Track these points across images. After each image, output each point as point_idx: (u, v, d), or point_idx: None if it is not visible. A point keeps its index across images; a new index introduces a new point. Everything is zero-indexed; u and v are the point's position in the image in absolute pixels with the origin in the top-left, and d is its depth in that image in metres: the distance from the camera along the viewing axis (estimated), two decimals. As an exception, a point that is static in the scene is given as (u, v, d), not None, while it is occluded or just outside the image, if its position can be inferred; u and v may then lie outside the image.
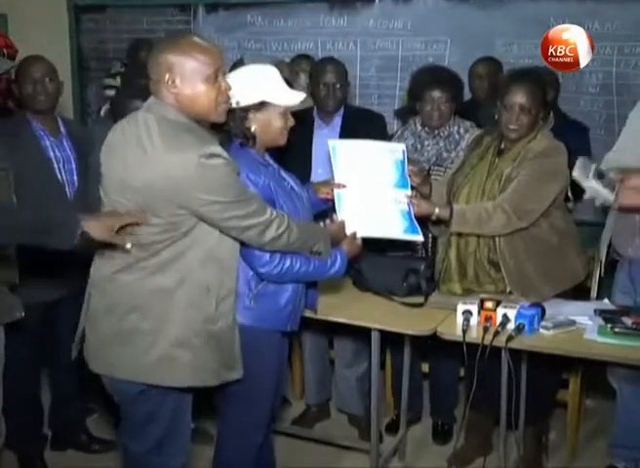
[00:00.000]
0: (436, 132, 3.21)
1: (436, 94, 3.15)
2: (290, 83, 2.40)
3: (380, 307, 2.84)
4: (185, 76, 2.06)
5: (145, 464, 2.27)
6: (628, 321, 2.50)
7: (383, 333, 2.79)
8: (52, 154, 2.92)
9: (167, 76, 2.06)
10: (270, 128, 2.35)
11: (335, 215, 2.58)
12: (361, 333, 2.90)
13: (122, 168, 2.09)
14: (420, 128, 3.26)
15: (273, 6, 4.82)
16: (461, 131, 3.20)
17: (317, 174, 3.16)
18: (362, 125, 3.22)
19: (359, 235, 2.57)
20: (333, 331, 3.36)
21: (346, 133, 3.19)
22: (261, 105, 2.32)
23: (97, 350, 2.20)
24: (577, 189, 2.99)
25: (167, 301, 2.09)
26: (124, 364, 2.13)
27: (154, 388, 2.14)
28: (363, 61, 4.64)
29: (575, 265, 2.88)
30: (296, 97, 2.36)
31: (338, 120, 3.30)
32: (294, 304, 2.41)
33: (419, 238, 2.70)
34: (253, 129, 2.33)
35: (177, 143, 2.01)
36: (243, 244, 2.23)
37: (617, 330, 2.46)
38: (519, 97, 2.72)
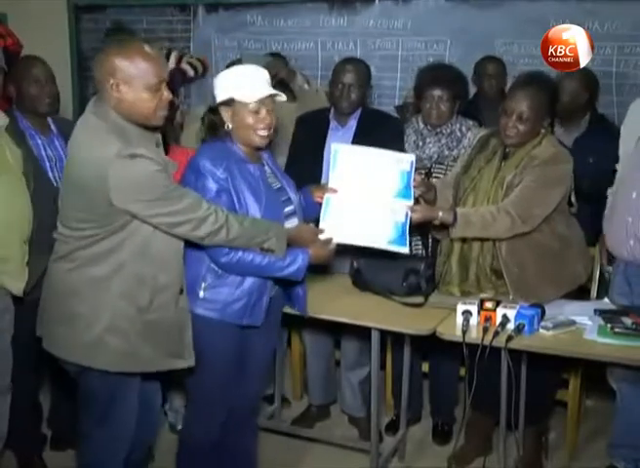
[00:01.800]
0: (438, 129, 3.21)
1: (436, 92, 3.15)
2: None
3: (379, 307, 2.84)
4: (129, 82, 2.15)
5: (89, 444, 2.41)
6: (628, 321, 2.50)
7: (384, 334, 2.79)
8: (43, 153, 2.92)
9: (111, 80, 2.15)
10: (241, 125, 2.40)
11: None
12: (365, 336, 2.90)
13: (66, 165, 2.29)
14: (422, 125, 3.26)
15: (273, 6, 4.82)
16: (464, 129, 3.19)
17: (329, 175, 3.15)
18: (377, 128, 3.18)
19: (338, 240, 2.57)
20: (338, 332, 3.36)
21: (361, 136, 3.15)
22: (231, 102, 2.39)
23: (46, 329, 2.35)
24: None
25: (102, 290, 2.21)
26: (64, 344, 2.28)
27: (92, 370, 2.25)
28: (363, 61, 4.64)
29: (577, 268, 2.88)
30: (258, 94, 2.38)
31: (353, 122, 3.24)
32: (249, 298, 2.43)
33: (404, 250, 2.63)
34: (227, 125, 2.42)
35: (99, 143, 2.13)
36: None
37: (616, 330, 2.46)
38: (518, 105, 2.72)
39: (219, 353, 2.46)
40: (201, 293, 2.40)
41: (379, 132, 3.13)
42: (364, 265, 2.94)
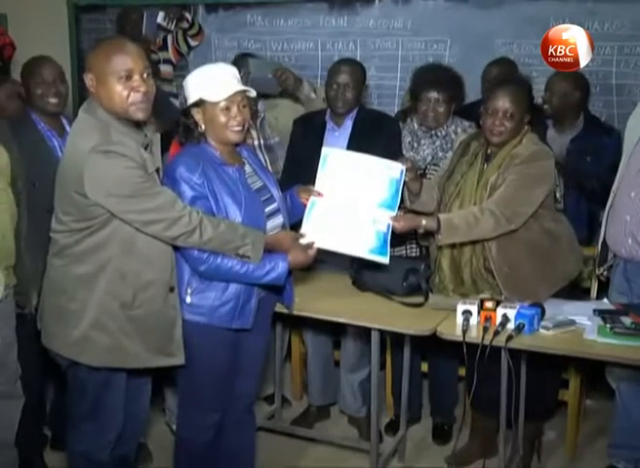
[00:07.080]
0: (433, 131, 3.21)
1: (433, 95, 3.15)
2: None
3: (379, 307, 2.84)
4: (100, 75, 2.19)
5: (77, 435, 2.47)
6: (627, 320, 2.50)
7: (384, 334, 2.78)
8: (59, 153, 2.91)
9: (89, 76, 2.22)
10: (214, 124, 2.39)
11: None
12: (365, 337, 2.89)
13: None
14: (417, 126, 3.27)
15: (273, 6, 4.81)
16: (459, 131, 3.20)
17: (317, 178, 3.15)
18: (373, 129, 3.18)
19: (318, 246, 2.53)
20: (338, 332, 3.36)
21: (357, 136, 3.16)
22: (201, 103, 2.39)
23: (43, 323, 2.42)
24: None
25: (88, 287, 2.26)
26: (56, 339, 2.36)
27: (80, 365, 2.33)
28: (363, 61, 4.51)
29: (567, 263, 2.88)
30: (225, 92, 2.36)
31: (349, 123, 3.25)
32: (237, 301, 2.42)
33: (384, 260, 2.60)
34: (200, 127, 2.41)
35: (81, 137, 2.20)
36: None
37: (616, 330, 2.46)
38: (503, 103, 2.72)
39: (210, 357, 2.46)
40: (188, 299, 2.39)
41: (375, 132, 3.13)
42: (364, 265, 2.94)
